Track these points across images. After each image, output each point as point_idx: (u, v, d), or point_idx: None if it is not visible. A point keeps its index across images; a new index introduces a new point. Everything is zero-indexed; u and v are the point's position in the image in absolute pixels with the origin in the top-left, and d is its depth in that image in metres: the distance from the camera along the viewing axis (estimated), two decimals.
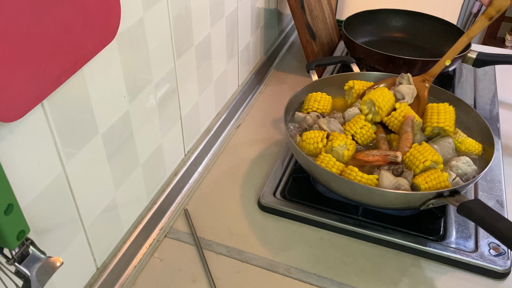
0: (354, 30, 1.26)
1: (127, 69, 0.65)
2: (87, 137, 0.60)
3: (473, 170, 0.79)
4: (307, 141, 0.82)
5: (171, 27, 0.75)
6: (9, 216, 0.42)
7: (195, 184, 0.92)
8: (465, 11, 2.42)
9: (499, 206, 0.85)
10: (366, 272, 0.75)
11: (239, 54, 1.10)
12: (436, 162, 0.77)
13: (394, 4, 1.47)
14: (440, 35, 1.28)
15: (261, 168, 0.96)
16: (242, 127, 1.09)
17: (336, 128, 0.86)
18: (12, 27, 0.42)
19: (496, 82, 1.24)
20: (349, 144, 0.81)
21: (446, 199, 0.71)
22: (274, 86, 1.24)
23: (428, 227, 0.81)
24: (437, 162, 0.77)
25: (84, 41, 0.52)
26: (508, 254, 0.75)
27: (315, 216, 0.81)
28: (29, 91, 0.46)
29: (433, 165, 0.77)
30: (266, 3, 1.20)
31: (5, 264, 0.46)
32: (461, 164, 0.78)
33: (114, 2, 0.55)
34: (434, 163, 0.77)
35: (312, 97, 0.93)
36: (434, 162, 0.77)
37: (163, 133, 0.80)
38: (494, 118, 1.09)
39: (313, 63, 1.06)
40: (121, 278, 0.74)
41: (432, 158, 0.77)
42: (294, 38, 1.48)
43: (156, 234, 0.81)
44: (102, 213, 0.67)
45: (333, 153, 0.81)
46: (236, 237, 0.81)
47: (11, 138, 0.48)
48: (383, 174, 0.76)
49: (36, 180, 0.53)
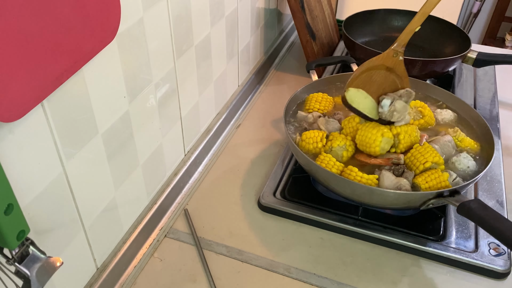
0: (354, 30, 1.26)
1: (127, 69, 0.65)
2: (87, 137, 0.60)
3: (473, 165, 0.79)
4: (307, 141, 0.82)
5: (171, 27, 0.75)
6: (9, 216, 0.42)
7: (195, 184, 0.92)
8: (465, 11, 2.42)
9: (499, 206, 0.85)
10: (366, 272, 0.75)
11: (239, 54, 1.10)
12: (437, 163, 0.77)
13: (394, 4, 1.46)
14: (440, 35, 1.28)
15: (261, 168, 0.96)
16: (242, 127, 1.09)
17: (334, 129, 0.86)
18: (12, 27, 0.42)
19: (496, 82, 1.24)
20: (349, 145, 0.81)
21: (446, 199, 0.71)
22: (274, 86, 1.24)
23: (428, 227, 0.81)
24: (438, 163, 0.77)
25: (84, 41, 0.52)
26: (508, 254, 0.75)
27: (315, 216, 0.81)
28: (29, 91, 0.46)
29: (433, 166, 0.77)
30: (266, 3, 1.20)
31: (5, 264, 0.46)
32: (462, 159, 0.79)
33: (114, 2, 0.55)
34: (434, 164, 0.77)
35: (313, 98, 0.93)
36: (435, 163, 0.77)
37: (163, 133, 0.80)
38: (494, 118, 1.09)
39: (313, 63, 1.06)
40: (121, 278, 0.74)
41: (432, 159, 0.77)
42: (294, 38, 1.48)
43: (156, 234, 0.81)
44: (102, 213, 0.67)
45: (332, 153, 0.81)
46: (236, 237, 0.81)
47: (11, 138, 0.48)
48: (384, 174, 0.76)
49: (36, 180, 0.53)
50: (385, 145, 0.79)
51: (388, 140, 0.79)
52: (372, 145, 0.78)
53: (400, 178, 0.75)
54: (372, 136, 0.78)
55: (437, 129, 0.89)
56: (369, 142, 0.78)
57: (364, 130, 0.79)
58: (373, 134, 0.78)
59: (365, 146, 0.79)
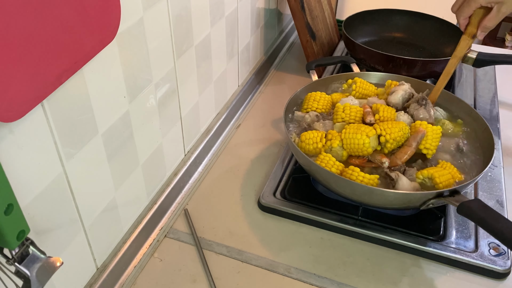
0: (354, 30, 1.26)
1: (127, 69, 0.65)
2: (87, 137, 0.60)
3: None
4: (306, 142, 0.82)
5: (171, 27, 0.75)
6: (9, 216, 0.42)
7: (195, 184, 0.92)
8: None
9: (499, 206, 0.85)
10: (366, 272, 0.75)
11: (239, 54, 1.10)
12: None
13: (394, 4, 1.46)
14: (440, 35, 1.28)
15: (261, 168, 0.96)
16: (242, 127, 1.09)
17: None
18: (12, 27, 0.42)
19: (496, 82, 1.24)
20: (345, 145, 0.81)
21: (446, 199, 0.71)
22: (274, 86, 1.24)
23: (428, 227, 0.81)
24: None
25: (84, 41, 0.52)
26: (508, 254, 0.75)
27: (315, 216, 0.81)
28: (29, 91, 0.46)
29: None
30: (266, 3, 1.20)
31: (5, 264, 0.46)
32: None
33: (114, 2, 0.55)
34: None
35: (311, 97, 0.93)
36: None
37: (163, 133, 0.80)
38: (494, 118, 1.09)
39: (313, 63, 1.06)
40: (121, 278, 0.74)
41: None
42: (294, 38, 1.48)
43: (156, 234, 0.81)
44: (102, 213, 0.67)
45: (332, 153, 0.81)
46: (236, 237, 0.81)
47: (11, 138, 0.48)
48: (401, 178, 0.75)
49: (36, 180, 0.53)
50: (374, 142, 0.80)
51: (374, 136, 0.79)
52: (363, 149, 0.78)
53: (412, 183, 0.76)
54: (359, 141, 0.78)
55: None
56: (359, 148, 0.78)
57: (349, 139, 0.79)
58: (358, 139, 0.78)
59: (357, 152, 0.79)
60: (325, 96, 0.94)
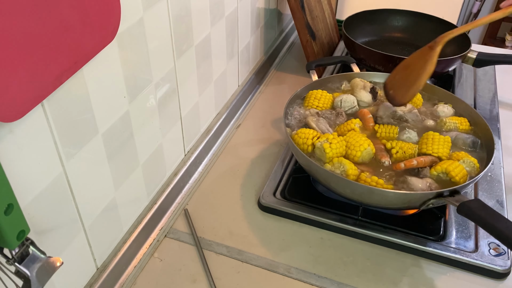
0: (354, 30, 1.26)
1: (127, 69, 0.65)
2: (87, 137, 0.60)
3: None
4: (299, 135, 0.82)
5: (171, 27, 0.75)
6: (9, 216, 0.42)
7: (195, 184, 0.92)
8: (465, 11, 2.42)
9: (499, 206, 0.85)
10: (366, 272, 0.75)
11: (239, 54, 1.10)
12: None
13: (394, 4, 1.47)
14: (440, 35, 1.28)
15: (261, 168, 0.96)
16: (242, 127, 1.09)
17: (324, 128, 0.86)
18: (12, 27, 0.42)
19: (496, 82, 1.24)
20: (332, 138, 0.80)
21: (446, 199, 0.71)
22: (274, 86, 1.24)
23: (428, 227, 0.81)
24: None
25: (84, 41, 0.52)
26: (508, 254, 0.75)
27: (315, 216, 0.81)
28: (29, 91, 0.46)
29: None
30: (266, 3, 1.20)
31: (5, 264, 0.46)
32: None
33: (114, 2, 0.55)
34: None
35: (312, 95, 0.94)
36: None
37: (163, 133, 0.80)
38: (494, 118, 1.09)
39: (313, 63, 1.06)
40: (121, 278, 0.74)
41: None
42: (294, 38, 1.48)
43: (156, 234, 0.81)
44: (102, 213, 0.67)
45: (317, 150, 0.80)
46: (236, 237, 0.81)
47: (11, 138, 0.48)
48: (411, 179, 0.76)
49: (36, 180, 0.53)
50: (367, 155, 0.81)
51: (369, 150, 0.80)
52: (357, 149, 0.79)
53: (425, 179, 0.76)
54: (358, 143, 0.80)
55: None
56: (355, 147, 0.80)
57: (350, 142, 0.81)
58: (357, 141, 0.80)
59: (351, 153, 0.80)
60: (326, 94, 0.94)
